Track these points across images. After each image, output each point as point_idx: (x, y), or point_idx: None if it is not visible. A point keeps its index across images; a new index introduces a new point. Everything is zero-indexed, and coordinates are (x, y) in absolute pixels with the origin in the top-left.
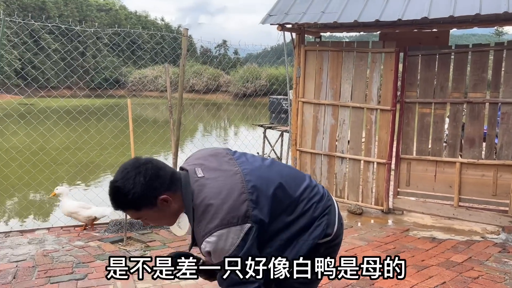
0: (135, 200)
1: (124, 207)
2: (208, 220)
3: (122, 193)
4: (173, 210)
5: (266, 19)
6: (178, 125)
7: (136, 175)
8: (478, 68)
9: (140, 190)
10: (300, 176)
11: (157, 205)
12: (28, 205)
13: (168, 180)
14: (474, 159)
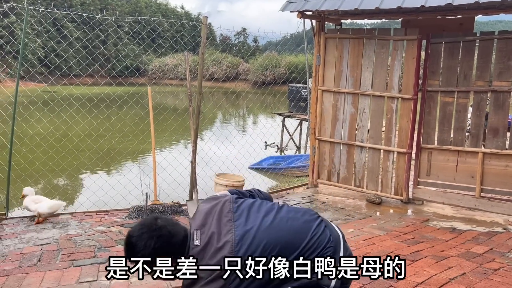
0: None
1: (130, 259)
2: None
3: (132, 252)
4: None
5: (286, 6)
6: (198, 113)
7: (148, 239)
8: (504, 55)
9: (147, 254)
10: (305, 226)
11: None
12: (52, 191)
13: (176, 247)
14: (497, 149)
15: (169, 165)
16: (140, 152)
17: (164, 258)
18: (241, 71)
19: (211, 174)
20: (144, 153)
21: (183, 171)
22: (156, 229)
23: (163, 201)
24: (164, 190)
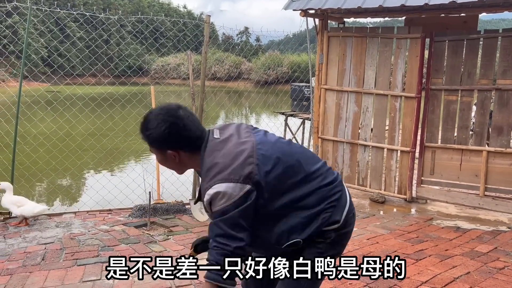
0: (149, 138)
1: (141, 134)
2: (212, 176)
3: (144, 126)
4: (181, 164)
5: (289, 4)
6: (201, 113)
7: (162, 122)
8: (508, 53)
9: (155, 135)
10: (316, 157)
11: (166, 154)
12: (55, 190)
13: (187, 142)
14: (501, 148)
15: None
16: (143, 151)
17: (164, 258)
18: (244, 70)
19: None
20: (147, 152)
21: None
22: (173, 116)
23: (166, 200)
24: (167, 189)
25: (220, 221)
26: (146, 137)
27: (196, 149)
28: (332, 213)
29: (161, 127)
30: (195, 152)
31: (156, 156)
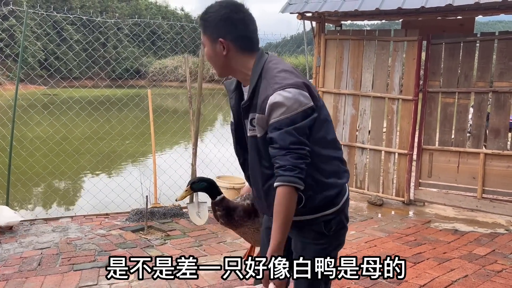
0: (206, 21)
1: (200, 21)
2: (283, 78)
3: (205, 10)
4: (226, 60)
5: (286, 7)
6: (198, 116)
7: (222, 8)
8: (504, 56)
9: (212, 18)
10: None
11: (216, 43)
12: (52, 194)
13: (240, 35)
14: (499, 150)
15: (170, 168)
16: (141, 155)
17: (164, 258)
18: None
19: (212, 176)
20: (144, 156)
21: (183, 174)
22: (235, 6)
23: (163, 204)
24: (165, 192)
25: (293, 129)
26: (203, 21)
27: (247, 50)
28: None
29: (221, 11)
30: (245, 52)
31: (205, 49)
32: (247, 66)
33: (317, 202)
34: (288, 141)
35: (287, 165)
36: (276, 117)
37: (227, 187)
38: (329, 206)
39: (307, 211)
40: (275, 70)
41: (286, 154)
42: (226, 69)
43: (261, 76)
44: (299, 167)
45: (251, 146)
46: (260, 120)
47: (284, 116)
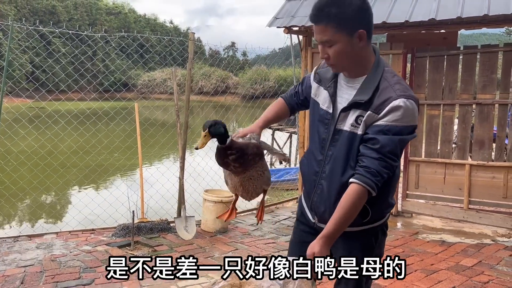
0: (343, 16)
1: (329, 17)
2: (406, 88)
3: (337, 2)
4: (360, 54)
5: (273, 22)
6: (185, 129)
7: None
8: (487, 69)
9: (350, 12)
10: None
11: (353, 37)
12: (36, 210)
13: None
14: (484, 161)
15: (157, 182)
16: (128, 169)
17: (164, 258)
18: (231, 84)
19: (199, 190)
20: (131, 170)
21: (171, 188)
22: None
23: (150, 219)
24: (152, 207)
25: (398, 139)
26: (338, 15)
27: (370, 40)
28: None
29: (356, 2)
30: (369, 43)
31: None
32: (369, 58)
33: (376, 215)
34: (388, 148)
35: (373, 169)
36: (388, 121)
37: (215, 200)
38: (380, 219)
39: (364, 223)
40: (396, 76)
41: (378, 158)
42: (357, 63)
43: (382, 76)
44: (382, 176)
45: (343, 142)
46: (370, 119)
47: (396, 123)
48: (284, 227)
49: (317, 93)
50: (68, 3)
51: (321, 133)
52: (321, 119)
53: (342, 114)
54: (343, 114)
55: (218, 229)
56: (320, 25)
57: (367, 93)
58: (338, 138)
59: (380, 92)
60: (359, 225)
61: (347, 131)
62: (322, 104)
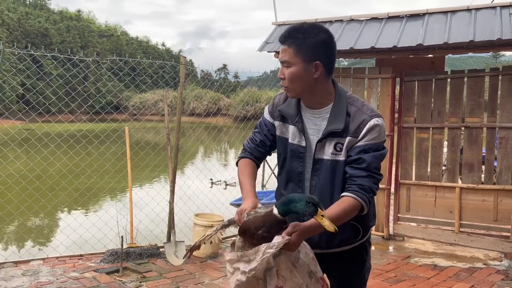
0: (304, 42)
1: (293, 40)
2: (372, 108)
3: (301, 30)
4: (313, 83)
5: (264, 46)
6: (176, 152)
7: (323, 32)
8: (474, 93)
9: (313, 41)
10: None
11: (309, 65)
12: (23, 235)
13: (331, 62)
14: (473, 184)
15: (147, 206)
16: (117, 192)
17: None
18: (223, 106)
19: (190, 214)
20: (121, 193)
21: (161, 212)
22: (330, 33)
23: (139, 244)
24: (141, 231)
25: (379, 155)
26: (299, 41)
27: (330, 74)
28: None
29: (321, 36)
30: (328, 77)
31: (291, 70)
32: (328, 90)
33: (365, 232)
34: (374, 165)
35: (366, 186)
36: (367, 140)
37: (205, 225)
38: (366, 234)
39: (356, 241)
40: (359, 99)
41: (367, 176)
42: (308, 90)
43: (347, 102)
44: (373, 192)
45: (326, 170)
46: (351, 143)
47: (374, 141)
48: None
49: (282, 130)
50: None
51: (296, 167)
52: (294, 154)
53: (319, 145)
54: (319, 144)
55: (209, 254)
56: (284, 46)
57: (340, 121)
58: (320, 167)
59: (352, 117)
60: (352, 243)
61: (328, 159)
62: (292, 139)
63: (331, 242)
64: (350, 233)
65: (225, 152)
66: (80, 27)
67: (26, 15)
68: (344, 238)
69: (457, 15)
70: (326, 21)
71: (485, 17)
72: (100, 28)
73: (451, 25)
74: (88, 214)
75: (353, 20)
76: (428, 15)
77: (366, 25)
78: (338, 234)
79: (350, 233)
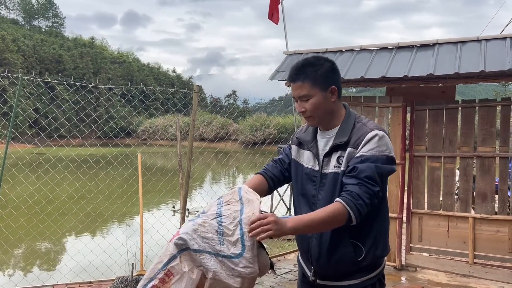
0: (315, 73)
1: (305, 75)
2: (377, 125)
3: (308, 64)
4: (332, 107)
5: (275, 75)
6: (187, 179)
7: (326, 61)
8: (486, 122)
9: (323, 71)
10: None
11: (326, 91)
12: (33, 260)
13: (340, 86)
14: (487, 214)
15: (157, 233)
16: (128, 218)
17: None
18: (231, 131)
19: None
20: (131, 219)
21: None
22: (333, 63)
23: None
24: (151, 258)
25: (374, 166)
26: (313, 73)
27: (340, 97)
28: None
29: (327, 64)
30: (340, 100)
31: (312, 101)
32: (341, 112)
33: (371, 260)
34: (365, 174)
35: (354, 192)
36: (364, 151)
37: None
38: (375, 267)
39: (361, 268)
40: (367, 119)
41: (358, 183)
42: (330, 115)
43: (355, 120)
44: (363, 200)
45: (329, 183)
46: (351, 154)
47: (371, 152)
48: (286, 281)
49: (298, 155)
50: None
51: (309, 191)
52: (308, 177)
53: (325, 160)
54: (326, 159)
55: None
56: (297, 83)
57: (345, 135)
58: (325, 181)
59: (355, 131)
60: (356, 271)
61: (331, 172)
62: (307, 164)
63: (331, 258)
64: (350, 249)
65: (233, 177)
66: (93, 54)
67: (41, 42)
68: (344, 253)
69: (467, 45)
70: (336, 51)
71: (495, 47)
72: (113, 54)
73: (461, 55)
74: (98, 240)
75: (363, 49)
76: (438, 45)
77: (376, 55)
78: (337, 248)
79: (349, 249)
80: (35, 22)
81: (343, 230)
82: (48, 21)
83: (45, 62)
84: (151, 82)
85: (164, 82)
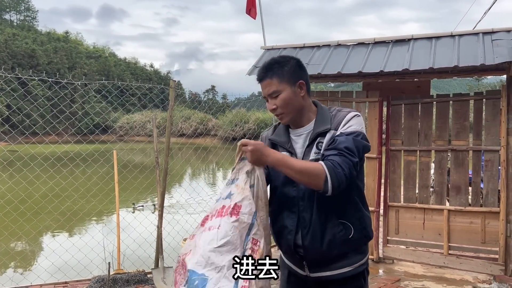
0: (282, 71)
1: (272, 72)
2: (350, 109)
3: (275, 62)
4: (302, 103)
5: (253, 70)
6: (165, 176)
7: (291, 59)
8: (459, 116)
9: (289, 67)
10: None
11: (295, 86)
12: (6, 261)
13: (307, 81)
14: (461, 206)
15: (134, 231)
16: (104, 216)
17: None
18: (211, 127)
19: (178, 238)
20: (108, 217)
21: (148, 236)
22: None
23: (127, 270)
24: (129, 257)
25: (352, 138)
26: (279, 70)
27: (309, 93)
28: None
29: (293, 60)
30: (309, 96)
31: (281, 96)
32: (312, 108)
33: (361, 239)
34: (344, 145)
35: (334, 161)
36: (342, 129)
37: None
38: (364, 251)
39: (352, 249)
40: (335, 109)
41: (337, 154)
42: (299, 111)
43: (329, 110)
44: (342, 168)
45: None
46: (332, 136)
47: (350, 129)
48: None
49: None
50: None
51: (290, 193)
52: (288, 179)
53: (307, 150)
54: (307, 149)
55: None
56: (266, 81)
57: (326, 123)
58: None
59: (333, 116)
60: (348, 252)
61: (312, 159)
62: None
63: (323, 239)
64: (340, 227)
65: (213, 173)
66: (67, 49)
67: (13, 36)
68: (335, 232)
69: (441, 41)
70: (314, 46)
71: (468, 43)
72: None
73: (435, 51)
74: (74, 239)
75: (340, 45)
76: (413, 40)
77: (353, 50)
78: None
79: (339, 228)
80: (6, 16)
81: (329, 211)
82: (20, 15)
83: (18, 57)
84: (128, 77)
85: (142, 77)
